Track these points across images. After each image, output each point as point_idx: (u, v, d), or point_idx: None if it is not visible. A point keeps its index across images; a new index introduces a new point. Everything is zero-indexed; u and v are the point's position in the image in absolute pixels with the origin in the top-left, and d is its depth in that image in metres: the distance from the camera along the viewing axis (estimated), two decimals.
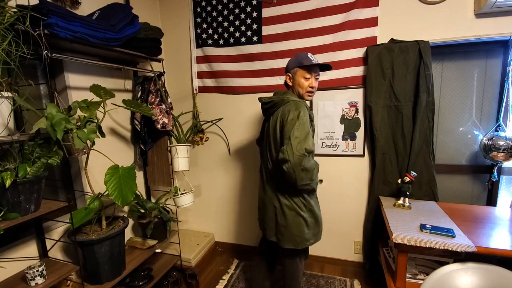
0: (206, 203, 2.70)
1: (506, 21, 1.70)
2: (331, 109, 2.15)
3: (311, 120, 1.51)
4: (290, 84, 1.56)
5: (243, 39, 2.28)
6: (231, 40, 2.31)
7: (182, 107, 2.56)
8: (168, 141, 2.22)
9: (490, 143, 1.77)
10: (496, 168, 1.85)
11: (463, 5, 1.77)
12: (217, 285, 2.14)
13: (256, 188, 2.22)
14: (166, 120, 2.06)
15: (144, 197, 2.34)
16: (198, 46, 2.44)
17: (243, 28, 2.26)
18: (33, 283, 1.30)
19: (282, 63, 2.18)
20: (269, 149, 1.55)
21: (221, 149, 2.56)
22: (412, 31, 1.88)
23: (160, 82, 2.09)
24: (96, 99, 1.53)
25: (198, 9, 2.38)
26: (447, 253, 1.56)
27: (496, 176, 1.86)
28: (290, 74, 1.56)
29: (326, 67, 1.55)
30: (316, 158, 2.22)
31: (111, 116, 2.03)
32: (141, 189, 2.31)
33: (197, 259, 2.46)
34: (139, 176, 2.32)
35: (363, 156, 2.14)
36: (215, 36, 2.36)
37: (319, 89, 2.15)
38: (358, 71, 2.04)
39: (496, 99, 1.88)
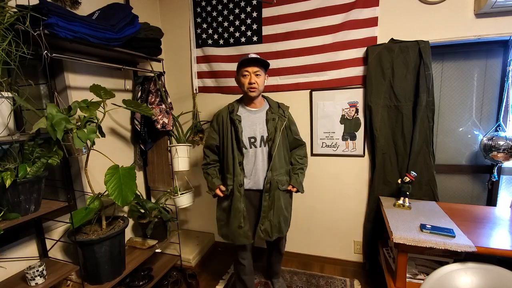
0: (206, 203, 2.70)
1: (506, 21, 1.70)
2: (331, 109, 2.15)
3: (232, 120, 1.60)
4: (239, 86, 1.65)
5: (243, 39, 2.28)
6: (231, 40, 2.31)
7: (182, 107, 2.56)
8: (168, 141, 2.22)
9: (490, 143, 1.77)
10: (496, 168, 1.85)
11: (463, 5, 1.77)
12: (217, 285, 2.14)
13: None
14: (166, 120, 2.06)
15: (144, 197, 2.34)
16: (198, 46, 2.44)
17: (243, 28, 2.26)
18: (33, 283, 1.30)
19: (282, 63, 2.18)
20: None
21: None
22: (412, 31, 1.88)
23: (160, 82, 2.09)
24: (96, 99, 1.53)
25: (198, 9, 2.38)
26: (447, 253, 1.56)
27: (496, 176, 1.86)
28: (237, 78, 1.65)
29: (263, 62, 1.58)
30: (316, 158, 2.25)
31: (111, 116, 2.03)
32: (141, 189, 2.31)
33: (197, 259, 2.46)
34: (139, 176, 2.32)
35: (363, 156, 2.14)
36: (215, 36, 2.36)
37: (319, 89, 2.16)
38: (358, 71, 2.04)
39: (496, 99, 1.88)
